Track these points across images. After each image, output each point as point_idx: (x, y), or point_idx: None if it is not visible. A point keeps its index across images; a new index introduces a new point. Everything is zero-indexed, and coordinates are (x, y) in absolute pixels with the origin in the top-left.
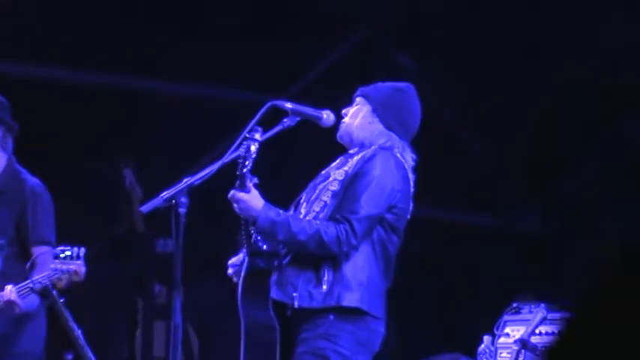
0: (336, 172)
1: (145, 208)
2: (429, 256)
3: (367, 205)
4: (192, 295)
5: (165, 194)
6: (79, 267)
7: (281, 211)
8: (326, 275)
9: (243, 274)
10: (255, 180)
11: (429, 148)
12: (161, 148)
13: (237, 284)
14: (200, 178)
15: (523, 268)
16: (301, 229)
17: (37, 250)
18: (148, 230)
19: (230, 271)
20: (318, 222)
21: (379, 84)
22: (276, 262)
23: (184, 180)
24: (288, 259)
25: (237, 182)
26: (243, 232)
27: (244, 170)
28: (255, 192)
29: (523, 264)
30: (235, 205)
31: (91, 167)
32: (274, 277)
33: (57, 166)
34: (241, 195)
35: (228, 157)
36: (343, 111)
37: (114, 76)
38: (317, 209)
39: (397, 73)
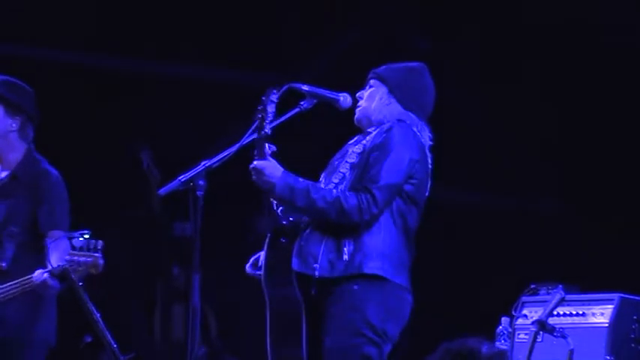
0: (354, 147)
1: (163, 190)
2: (447, 238)
3: (387, 174)
4: (210, 278)
5: (182, 177)
6: (97, 259)
7: (300, 179)
8: (347, 245)
9: (265, 251)
10: (274, 148)
11: (447, 131)
12: (178, 131)
13: (257, 277)
14: (218, 161)
15: (542, 249)
16: (321, 196)
17: (53, 235)
18: (165, 213)
19: (247, 268)
20: (337, 191)
21: (392, 65)
22: (297, 237)
23: (202, 163)
24: (308, 230)
25: (256, 151)
26: (266, 209)
27: (263, 133)
28: (273, 161)
29: (542, 245)
30: (255, 175)
31: (108, 150)
32: (295, 249)
33: (74, 149)
34: (260, 163)
35: (245, 140)
36: (358, 94)
37: (131, 59)
38: (336, 181)
39: (413, 58)
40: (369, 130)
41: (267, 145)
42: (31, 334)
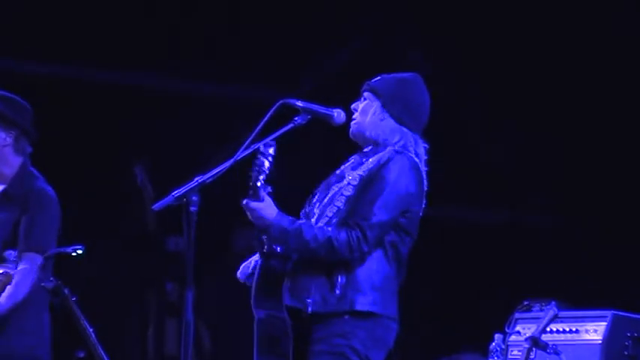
0: (351, 175)
1: (157, 206)
2: (440, 254)
3: (380, 211)
4: (203, 293)
5: (176, 192)
6: (8, 270)
7: (294, 219)
8: (339, 279)
9: (256, 275)
10: (269, 189)
11: (441, 145)
12: (172, 145)
13: (249, 284)
14: (211, 177)
15: (535, 265)
16: (313, 236)
17: (24, 257)
18: (159, 228)
19: (239, 275)
20: (330, 228)
21: (385, 76)
22: (289, 266)
23: (196, 178)
24: (300, 264)
25: (250, 192)
26: (256, 234)
27: (258, 183)
28: (268, 200)
29: (535, 261)
30: (248, 213)
31: (102, 165)
32: (287, 283)
33: (68, 164)
34: (254, 204)
35: (239, 155)
36: (352, 106)
37: (125, 74)
38: (330, 214)
39: (409, 70)
40: (365, 150)
41: (262, 188)
42: (7, 349)
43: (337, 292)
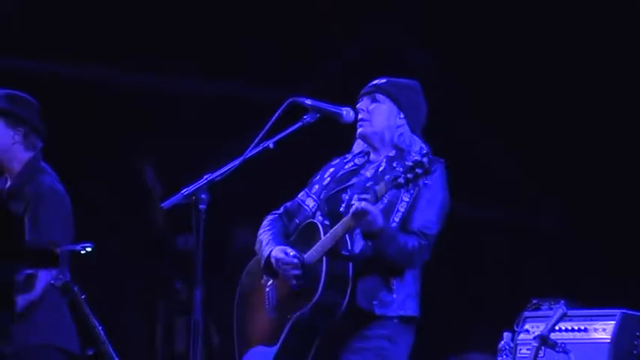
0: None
1: (166, 204)
2: (449, 253)
3: (438, 222)
4: (212, 292)
5: (185, 191)
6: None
7: (389, 225)
8: (395, 285)
9: (324, 274)
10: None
11: (451, 144)
12: (181, 144)
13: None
14: (220, 175)
15: (544, 264)
16: (404, 243)
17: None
18: (168, 227)
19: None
20: (406, 236)
21: (394, 81)
22: (351, 267)
23: (205, 176)
24: (362, 266)
25: (369, 195)
26: (330, 236)
27: (399, 181)
28: (379, 206)
29: (544, 260)
30: (363, 215)
31: (110, 164)
32: (350, 283)
33: (77, 163)
34: (371, 207)
35: (248, 154)
36: (358, 105)
37: (133, 73)
38: (397, 219)
39: (416, 70)
40: (387, 153)
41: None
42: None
43: (394, 296)
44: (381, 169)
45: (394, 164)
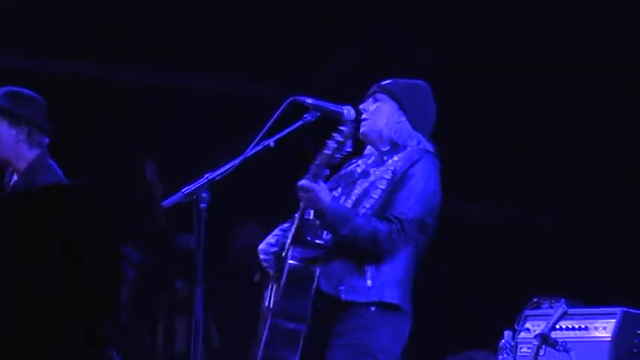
0: (378, 170)
1: (166, 203)
2: (450, 251)
3: (415, 207)
4: (213, 291)
5: (186, 189)
6: None
7: (345, 206)
8: (369, 271)
9: (288, 263)
10: (327, 172)
11: (451, 141)
12: (182, 142)
13: (266, 274)
14: (221, 174)
15: (544, 262)
16: (362, 224)
17: None
18: (169, 225)
19: (262, 257)
20: (373, 219)
21: (398, 80)
22: (321, 254)
23: (205, 175)
24: (333, 252)
25: (311, 174)
26: (296, 222)
27: (320, 164)
28: (324, 185)
29: (544, 259)
30: (304, 194)
31: (110, 162)
32: (319, 269)
33: (77, 163)
34: (314, 185)
35: (249, 153)
36: (362, 106)
37: (134, 70)
38: (368, 205)
39: (418, 70)
40: (383, 149)
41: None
42: None
43: (367, 282)
44: (367, 161)
45: (384, 158)
